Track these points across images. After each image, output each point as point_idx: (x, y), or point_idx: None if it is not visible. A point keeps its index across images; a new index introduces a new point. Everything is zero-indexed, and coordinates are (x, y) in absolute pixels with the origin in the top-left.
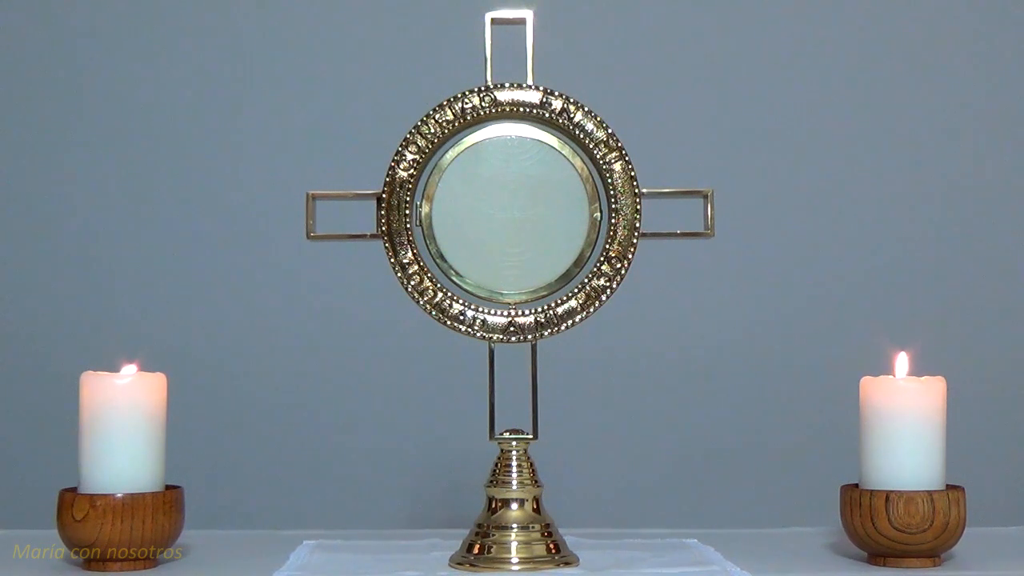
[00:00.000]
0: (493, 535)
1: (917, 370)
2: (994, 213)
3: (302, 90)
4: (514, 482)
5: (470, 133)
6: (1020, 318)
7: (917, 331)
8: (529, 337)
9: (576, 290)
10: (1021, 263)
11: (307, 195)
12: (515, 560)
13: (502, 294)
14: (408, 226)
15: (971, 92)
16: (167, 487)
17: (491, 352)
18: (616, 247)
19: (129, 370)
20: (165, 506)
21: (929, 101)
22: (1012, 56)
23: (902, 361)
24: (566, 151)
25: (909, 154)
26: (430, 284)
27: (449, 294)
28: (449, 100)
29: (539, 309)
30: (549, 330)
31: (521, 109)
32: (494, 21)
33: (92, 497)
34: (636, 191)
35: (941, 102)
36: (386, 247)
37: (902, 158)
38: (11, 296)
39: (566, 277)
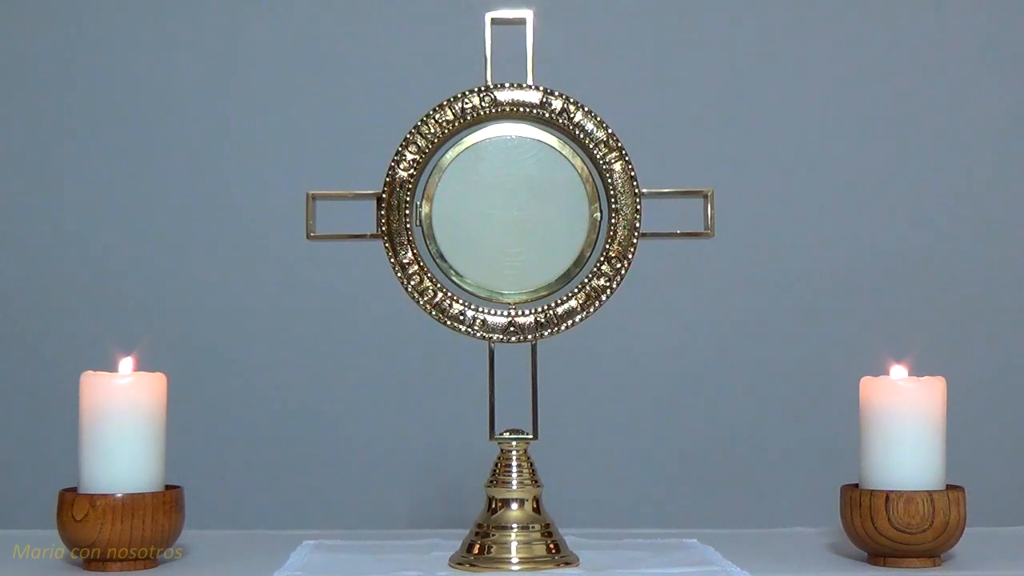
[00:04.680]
0: (493, 535)
1: (917, 370)
2: (995, 214)
3: (302, 90)
4: (514, 482)
5: (470, 133)
6: (1020, 318)
7: (917, 331)
8: (529, 337)
9: (576, 290)
10: (1021, 263)
11: (307, 195)
12: (515, 560)
13: (502, 294)
14: (408, 226)
15: (970, 93)
16: (167, 487)
17: (491, 352)
18: (616, 247)
19: (127, 364)
20: (165, 506)
21: (929, 102)
22: (1011, 58)
23: (898, 372)
24: (566, 151)
25: (909, 152)
26: (430, 284)
27: (449, 294)
28: (449, 100)
29: (539, 309)
30: (549, 330)
31: (521, 109)
32: (494, 21)
33: (92, 497)
34: (636, 191)
35: (941, 103)
36: (386, 247)
37: (902, 156)
38: (11, 296)
39: (566, 277)
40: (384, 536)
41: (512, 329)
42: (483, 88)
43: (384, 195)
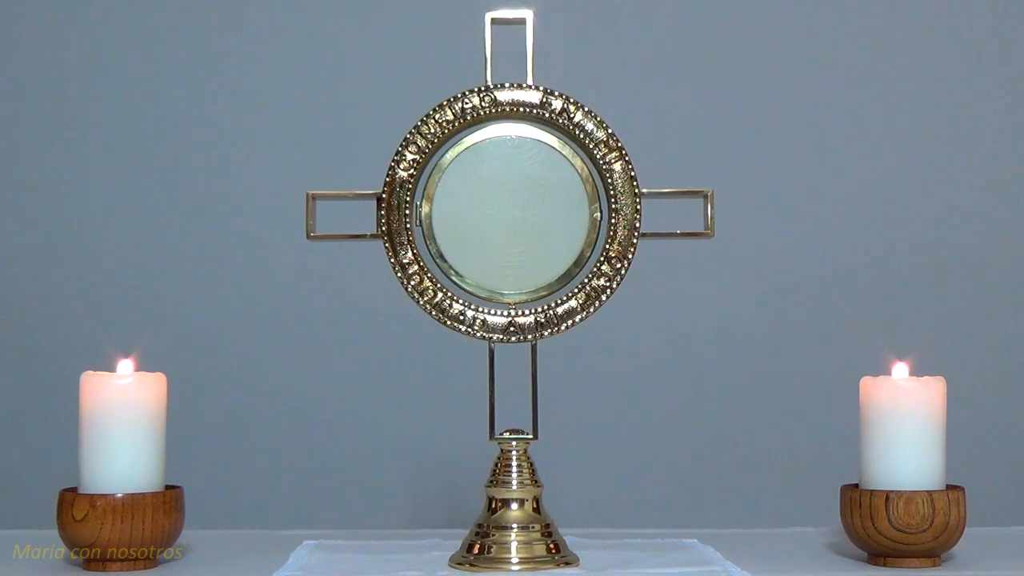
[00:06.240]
0: (493, 535)
1: (917, 370)
2: (994, 213)
3: (302, 90)
4: (514, 482)
5: (470, 133)
6: (1020, 318)
7: (917, 331)
8: (529, 337)
9: (576, 290)
10: (1021, 263)
11: (307, 195)
12: (515, 560)
13: (502, 294)
14: (408, 226)
15: (970, 93)
16: (167, 487)
17: (491, 352)
18: (616, 247)
19: (126, 366)
20: (165, 506)
21: (930, 102)
22: (1011, 57)
23: (900, 370)
24: (566, 151)
25: (909, 152)
26: (430, 284)
27: (449, 294)
28: (449, 100)
29: (539, 309)
30: (549, 330)
31: (521, 109)
32: (494, 21)
33: (92, 497)
34: (636, 191)
35: (941, 102)
36: (386, 247)
37: (902, 156)
38: (11, 296)
39: (566, 277)
40: (384, 536)
41: (512, 329)
42: (483, 88)
43: (384, 195)
